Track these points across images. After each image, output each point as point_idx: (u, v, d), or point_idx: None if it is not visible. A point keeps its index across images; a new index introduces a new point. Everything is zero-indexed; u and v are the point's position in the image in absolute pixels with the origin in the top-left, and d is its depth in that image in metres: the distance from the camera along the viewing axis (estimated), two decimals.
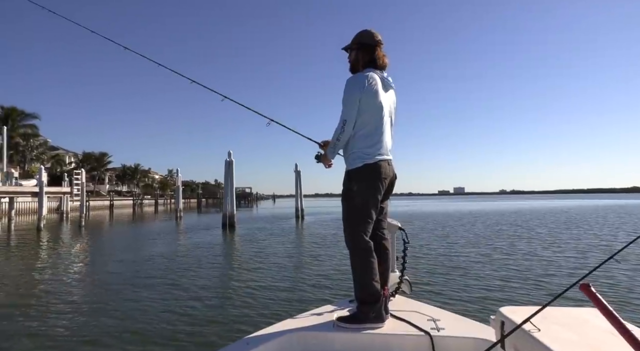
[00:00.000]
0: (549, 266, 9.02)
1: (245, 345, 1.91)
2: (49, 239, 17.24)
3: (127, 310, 5.99)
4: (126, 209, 53.61)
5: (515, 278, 7.82)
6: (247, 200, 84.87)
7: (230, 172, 22.08)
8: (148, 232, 20.80)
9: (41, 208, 20.75)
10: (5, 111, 43.54)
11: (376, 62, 2.32)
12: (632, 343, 0.95)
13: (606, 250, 11.43)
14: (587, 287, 1.02)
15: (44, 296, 6.96)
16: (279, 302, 6.34)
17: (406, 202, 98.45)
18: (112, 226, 25.83)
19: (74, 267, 9.95)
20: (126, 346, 4.55)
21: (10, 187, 22.25)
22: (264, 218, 31.85)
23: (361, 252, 2.17)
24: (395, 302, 2.45)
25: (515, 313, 1.35)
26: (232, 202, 22.08)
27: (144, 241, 16.19)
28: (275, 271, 8.98)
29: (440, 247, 12.58)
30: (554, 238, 14.71)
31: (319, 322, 2.19)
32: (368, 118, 2.22)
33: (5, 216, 22.42)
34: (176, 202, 30.90)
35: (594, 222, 22.81)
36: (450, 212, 38.44)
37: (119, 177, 73.04)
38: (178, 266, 9.68)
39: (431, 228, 19.29)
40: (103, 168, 65.02)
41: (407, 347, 1.98)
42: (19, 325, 5.37)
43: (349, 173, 2.26)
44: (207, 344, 4.56)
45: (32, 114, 45.90)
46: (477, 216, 29.96)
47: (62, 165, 54.52)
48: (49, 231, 20.48)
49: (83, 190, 24.67)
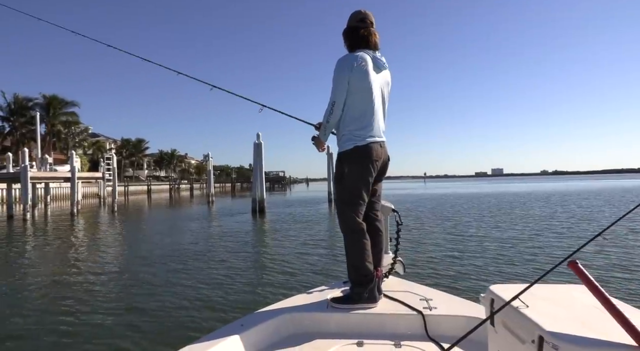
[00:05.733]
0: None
1: (240, 326, 1.91)
2: (79, 225, 17.18)
3: (133, 298, 5.42)
4: (164, 194, 54.78)
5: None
6: (281, 184, 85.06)
7: (259, 155, 21.22)
8: (177, 218, 20.55)
9: (73, 194, 20.84)
10: (47, 99, 44.93)
11: (364, 42, 2.25)
12: (618, 318, 0.99)
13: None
14: (575, 264, 1.05)
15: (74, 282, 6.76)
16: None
17: (442, 184, 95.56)
18: (145, 211, 25.96)
19: (92, 255, 9.46)
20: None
21: (44, 173, 22.54)
22: (296, 202, 31.34)
23: (354, 234, 2.18)
24: (389, 283, 2.47)
25: (505, 290, 1.35)
26: (262, 186, 21.29)
27: (169, 227, 15.78)
28: (298, 263, 7.97)
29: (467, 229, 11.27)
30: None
31: (313, 302, 2.21)
32: (358, 100, 2.19)
33: (42, 201, 22.82)
34: (207, 187, 30.66)
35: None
36: (482, 194, 36.20)
37: (157, 162, 74.90)
38: (197, 256, 8.93)
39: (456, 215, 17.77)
40: (141, 154, 66.67)
41: (400, 326, 2.02)
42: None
43: (340, 156, 2.24)
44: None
45: (72, 102, 47.08)
46: (516, 198, 27.77)
47: (102, 151, 56.23)
48: (82, 216, 20.61)
49: (114, 174, 24.68)
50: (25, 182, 19.00)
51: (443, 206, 23.16)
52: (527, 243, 9.68)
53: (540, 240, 10.22)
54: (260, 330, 1.92)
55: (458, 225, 13.75)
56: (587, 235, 10.32)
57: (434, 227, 13.16)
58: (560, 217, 15.68)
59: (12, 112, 42.93)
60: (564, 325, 1.07)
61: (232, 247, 10.34)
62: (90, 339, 4.35)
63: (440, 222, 14.61)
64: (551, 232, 11.54)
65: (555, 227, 12.74)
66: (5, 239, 12.91)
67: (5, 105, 42.75)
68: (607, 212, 17.50)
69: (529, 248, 9.11)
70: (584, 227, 12.51)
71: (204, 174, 76.08)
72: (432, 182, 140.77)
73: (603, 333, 1.03)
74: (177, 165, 79.77)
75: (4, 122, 43.56)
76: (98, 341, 4.30)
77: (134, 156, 64.55)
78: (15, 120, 42.89)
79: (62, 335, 4.49)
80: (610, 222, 1.48)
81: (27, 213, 18.57)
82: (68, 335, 4.50)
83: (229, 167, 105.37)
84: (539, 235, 11.10)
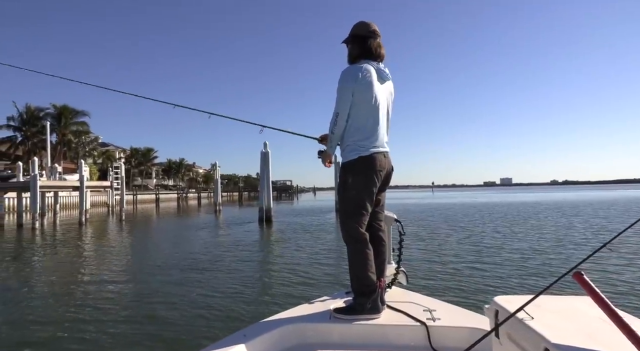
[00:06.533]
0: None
1: (243, 337, 1.90)
2: (86, 234, 17.25)
3: (136, 307, 5.39)
4: (172, 202, 55.00)
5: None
6: (288, 193, 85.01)
7: (266, 164, 21.22)
8: (184, 227, 20.55)
9: (82, 203, 20.99)
10: (58, 109, 45.66)
11: (371, 53, 2.26)
12: (624, 330, 0.96)
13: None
14: (580, 275, 1.03)
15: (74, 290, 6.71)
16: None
17: (450, 193, 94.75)
18: (152, 220, 26.01)
19: (97, 264, 9.48)
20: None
21: (53, 182, 22.78)
22: (304, 211, 31.27)
23: (357, 244, 2.17)
24: (392, 293, 2.46)
25: (509, 302, 1.33)
26: (269, 195, 21.24)
27: (175, 236, 15.81)
28: (302, 275, 7.87)
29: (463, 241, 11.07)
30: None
31: (316, 313, 2.20)
32: (362, 111, 2.19)
33: (51, 210, 23.01)
34: (214, 196, 30.73)
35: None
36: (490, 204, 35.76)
37: (165, 171, 75.43)
38: (201, 265, 8.88)
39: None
40: (149, 163, 67.21)
41: (403, 337, 2.00)
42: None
43: (344, 166, 2.25)
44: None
45: (82, 112, 47.80)
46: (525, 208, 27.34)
47: (112, 161, 56.78)
48: (90, 225, 20.72)
49: (123, 183, 24.87)
50: (34, 190, 19.18)
51: (449, 215, 22.91)
52: (534, 254, 9.55)
53: (549, 250, 10.08)
54: (262, 341, 1.91)
55: (466, 234, 13.56)
56: (595, 246, 10.12)
57: (440, 236, 12.98)
58: (575, 227, 15.42)
59: (24, 121, 43.69)
60: (569, 337, 1.05)
61: (237, 257, 10.29)
62: (96, 346, 4.37)
63: (449, 232, 14.42)
64: (560, 242, 11.40)
65: (565, 237, 12.59)
66: (15, 248, 12.99)
67: (18, 115, 43.61)
68: (617, 222, 17.16)
69: (535, 258, 8.99)
70: (592, 238, 12.30)
71: (212, 183, 76.59)
72: (440, 192, 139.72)
73: (609, 345, 1.01)
74: (185, 174, 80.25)
75: (16, 132, 44.36)
76: (102, 349, 4.31)
77: (142, 165, 65.08)
78: (27, 129, 43.61)
79: (72, 342, 4.54)
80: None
81: (36, 222, 18.72)
82: (77, 341, 4.56)
83: (237, 175, 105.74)
84: (547, 245, 10.95)
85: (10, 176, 28.84)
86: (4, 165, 40.85)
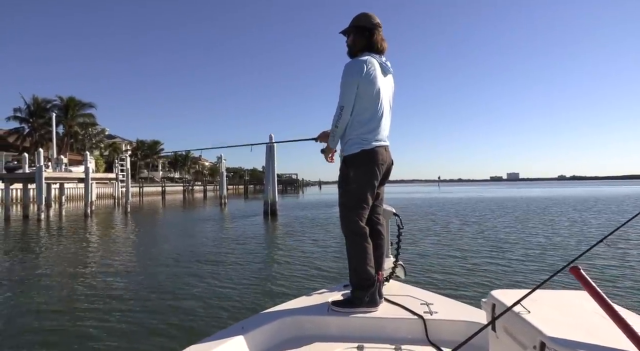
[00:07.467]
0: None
1: (241, 329, 1.90)
2: (91, 226, 17.23)
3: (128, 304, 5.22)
4: (178, 195, 55.16)
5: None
6: (294, 186, 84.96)
7: (271, 157, 21.01)
8: (189, 219, 20.54)
9: (87, 195, 20.97)
10: (64, 101, 45.73)
11: (374, 46, 2.26)
12: (620, 325, 0.97)
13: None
14: (576, 270, 1.04)
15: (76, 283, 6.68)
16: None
17: (457, 188, 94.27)
18: (158, 212, 26.03)
19: (101, 256, 9.41)
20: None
21: (58, 173, 22.78)
22: (309, 204, 31.18)
23: (356, 237, 2.17)
24: (390, 287, 2.47)
25: (506, 295, 1.34)
26: (274, 189, 21.06)
27: (181, 229, 15.74)
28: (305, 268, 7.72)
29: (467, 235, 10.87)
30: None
31: (314, 305, 2.21)
32: (366, 104, 2.19)
33: (57, 201, 23.05)
34: (220, 189, 30.67)
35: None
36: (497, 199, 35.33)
37: (172, 163, 75.56)
38: (205, 258, 8.78)
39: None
40: (156, 155, 67.34)
41: (400, 330, 2.01)
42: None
43: (346, 159, 2.24)
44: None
45: (89, 104, 47.85)
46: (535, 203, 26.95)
47: (119, 153, 56.92)
48: (96, 217, 20.71)
49: (128, 175, 24.83)
50: (39, 182, 19.19)
51: (450, 210, 22.66)
52: (533, 248, 9.57)
53: (548, 244, 10.09)
54: (260, 333, 1.93)
55: (473, 229, 13.34)
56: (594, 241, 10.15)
57: (443, 230, 12.77)
58: (590, 222, 15.16)
59: (31, 113, 43.84)
60: (565, 332, 1.06)
61: (241, 250, 10.21)
62: (99, 338, 4.38)
63: (454, 226, 14.20)
64: (561, 237, 11.46)
65: (567, 232, 12.58)
66: (20, 239, 12.99)
67: (25, 107, 43.76)
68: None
69: (534, 252, 9.03)
70: (592, 232, 12.20)
71: (218, 176, 76.61)
72: (446, 186, 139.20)
73: (605, 339, 1.02)
74: (191, 167, 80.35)
75: (24, 124, 44.55)
76: (107, 339, 4.32)
77: (149, 157, 65.22)
78: (34, 121, 43.79)
79: (78, 332, 4.58)
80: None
81: (42, 213, 18.73)
82: (82, 330, 4.62)
83: (242, 169, 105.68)
84: (547, 239, 10.96)
85: (16, 167, 28.96)
86: (11, 157, 41.07)
